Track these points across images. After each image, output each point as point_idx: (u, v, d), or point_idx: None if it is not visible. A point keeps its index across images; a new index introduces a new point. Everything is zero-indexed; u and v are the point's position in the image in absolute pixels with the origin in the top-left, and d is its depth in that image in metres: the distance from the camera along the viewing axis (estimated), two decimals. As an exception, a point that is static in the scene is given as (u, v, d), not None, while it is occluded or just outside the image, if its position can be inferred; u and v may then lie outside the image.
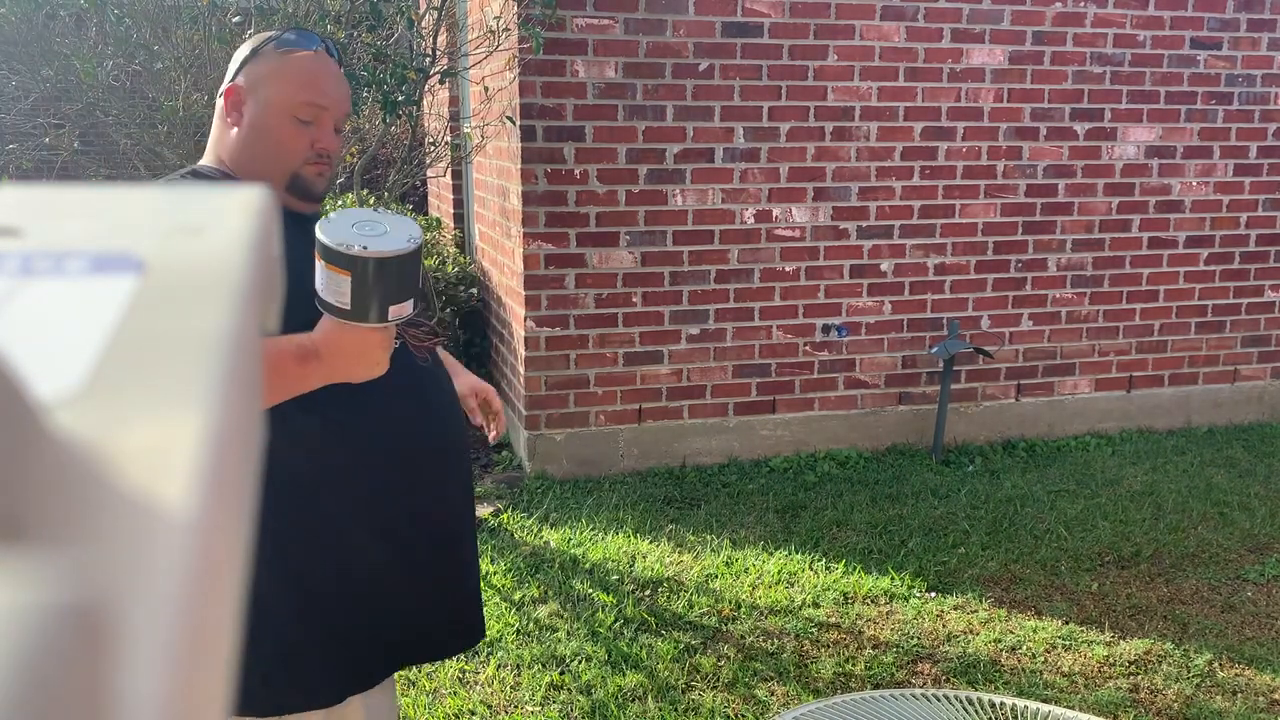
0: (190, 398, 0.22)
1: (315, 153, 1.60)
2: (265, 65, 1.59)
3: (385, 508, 1.67)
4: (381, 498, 1.67)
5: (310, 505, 1.62)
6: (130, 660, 0.18)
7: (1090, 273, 4.92)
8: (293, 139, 1.59)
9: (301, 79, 1.59)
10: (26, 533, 0.19)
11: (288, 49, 1.60)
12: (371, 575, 1.67)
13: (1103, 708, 2.84)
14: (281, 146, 1.59)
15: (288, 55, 1.59)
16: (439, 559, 1.74)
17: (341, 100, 1.62)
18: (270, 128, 1.58)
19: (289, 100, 1.58)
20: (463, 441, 1.80)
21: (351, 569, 1.66)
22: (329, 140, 1.61)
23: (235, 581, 0.23)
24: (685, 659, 3.05)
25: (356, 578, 1.66)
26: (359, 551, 1.66)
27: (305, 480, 1.59)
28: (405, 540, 1.70)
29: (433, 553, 1.73)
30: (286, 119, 1.58)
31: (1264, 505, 4.19)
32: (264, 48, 1.61)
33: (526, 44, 4.08)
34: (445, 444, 1.75)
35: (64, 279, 0.25)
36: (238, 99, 1.60)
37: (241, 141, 1.60)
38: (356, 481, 1.65)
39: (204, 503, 0.20)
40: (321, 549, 1.64)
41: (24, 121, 4.00)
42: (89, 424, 0.21)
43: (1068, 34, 4.66)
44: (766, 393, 4.64)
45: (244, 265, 0.26)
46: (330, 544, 1.64)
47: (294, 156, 1.59)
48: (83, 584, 0.17)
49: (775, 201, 4.50)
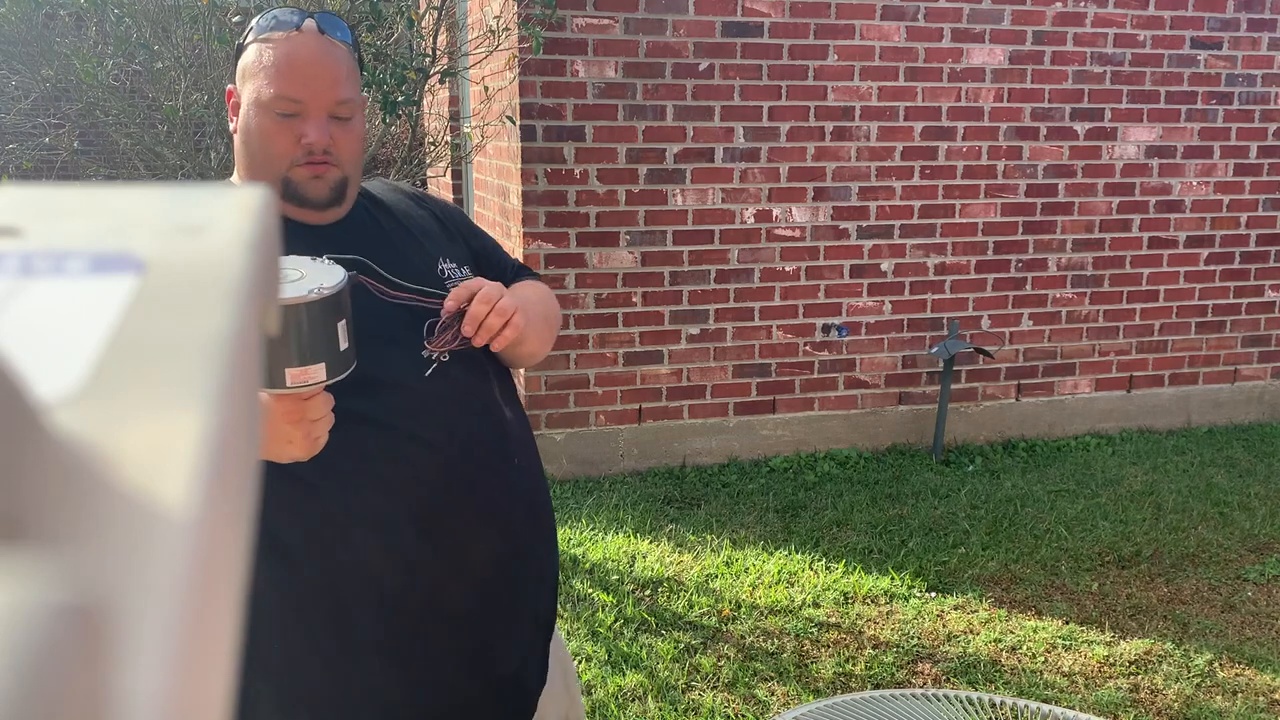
0: (190, 398, 0.22)
1: (304, 150, 1.36)
2: (246, 58, 1.39)
3: (379, 588, 1.38)
4: (374, 579, 1.38)
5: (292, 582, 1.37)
6: (130, 660, 0.17)
7: (1090, 272, 4.92)
8: (275, 139, 1.36)
9: (275, 68, 1.35)
10: (26, 533, 0.19)
11: (265, 35, 1.38)
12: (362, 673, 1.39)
13: (1103, 708, 2.84)
14: (265, 149, 1.37)
15: (265, 43, 1.37)
16: (460, 636, 1.43)
17: (328, 84, 1.36)
18: (252, 129, 1.37)
19: (262, 96, 1.35)
20: (508, 481, 1.46)
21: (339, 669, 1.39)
22: (318, 134, 1.35)
23: (235, 581, 0.23)
24: (685, 659, 3.05)
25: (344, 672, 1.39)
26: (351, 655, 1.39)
27: (287, 549, 1.36)
28: (405, 624, 1.40)
29: (451, 632, 1.42)
30: (267, 116, 1.36)
31: (1264, 505, 4.19)
32: (245, 38, 1.41)
33: (526, 44, 4.09)
34: (472, 489, 1.42)
35: (64, 279, 0.25)
36: (234, 100, 1.42)
37: (239, 147, 1.42)
38: (342, 555, 1.37)
39: (204, 503, 0.20)
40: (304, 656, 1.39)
41: (24, 121, 4.00)
42: (89, 424, 0.21)
43: (1068, 34, 4.66)
44: (766, 393, 4.64)
45: (244, 265, 0.26)
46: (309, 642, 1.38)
47: (280, 159, 1.37)
48: (83, 584, 0.17)
49: (775, 201, 4.50)
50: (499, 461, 1.45)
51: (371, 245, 1.44)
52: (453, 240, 1.54)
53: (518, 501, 1.47)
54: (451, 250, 1.52)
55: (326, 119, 1.37)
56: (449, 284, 1.45)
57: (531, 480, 1.50)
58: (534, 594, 1.50)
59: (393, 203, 1.54)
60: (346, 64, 1.40)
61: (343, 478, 1.34)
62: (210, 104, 3.51)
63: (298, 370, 1.14)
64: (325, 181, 1.39)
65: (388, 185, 1.59)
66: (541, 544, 1.53)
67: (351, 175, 1.42)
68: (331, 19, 1.41)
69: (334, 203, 1.41)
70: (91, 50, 3.59)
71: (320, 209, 1.41)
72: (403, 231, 1.50)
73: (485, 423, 1.44)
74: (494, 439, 1.45)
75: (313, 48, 1.37)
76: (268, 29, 1.38)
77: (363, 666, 1.39)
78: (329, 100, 1.36)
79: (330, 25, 1.40)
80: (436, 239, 1.52)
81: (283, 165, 1.37)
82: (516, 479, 1.47)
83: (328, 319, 1.14)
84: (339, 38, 1.40)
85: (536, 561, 1.51)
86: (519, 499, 1.47)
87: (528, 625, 1.50)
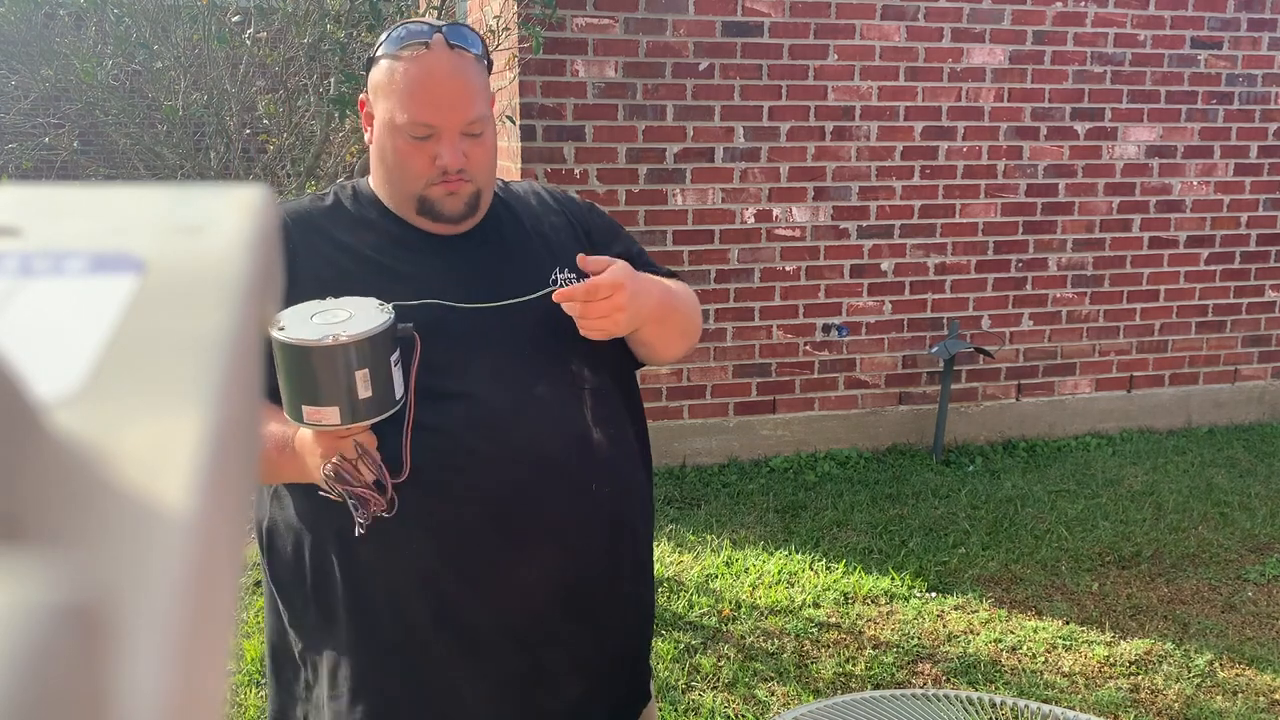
0: (190, 398, 0.22)
1: (438, 171, 1.37)
2: (378, 74, 1.39)
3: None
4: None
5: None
6: (130, 660, 0.18)
7: (1091, 272, 4.92)
8: (410, 160, 1.37)
9: (408, 93, 1.35)
10: (26, 533, 0.19)
11: (394, 53, 1.37)
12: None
13: (1103, 708, 2.84)
14: (401, 169, 1.39)
15: (395, 62, 1.36)
16: (504, 657, 1.39)
17: (460, 106, 1.36)
18: (386, 150, 1.39)
19: (396, 120, 1.36)
20: (579, 505, 1.41)
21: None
22: (452, 155, 1.36)
23: (234, 581, 0.23)
24: (685, 659, 3.05)
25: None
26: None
27: (337, 547, 1.38)
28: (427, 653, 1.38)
29: (492, 651, 1.38)
30: (401, 138, 1.37)
31: (1264, 505, 4.19)
32: (377, 51, 1.40)
33: (526, 43, 4.09)
34: (536, 508, 1.39)
35: (64, 279, 0.25)
36: (367, 111, 1.43)
37: (375, 163, 1.43)
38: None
39: (204, 503, 0.20)
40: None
41: (24, 121, 4.00)
42: (89, 424, 0.21)
43: (1068, 33, 4.66)
44: (767, 393, 4.64)
45: (244, 265, 0.26)
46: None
47: (415, 179, 1.38)
48: (82, 584, 0.17)
49: (775, 201, 4.50)
50: (570, 484, 1.40)
51: (491, 257, 1.44)
52: (582, 248, 1.50)
53: (589, 527, 1.42)
54: (572, 261, 1.47)
55: (459, 138, 1.37)
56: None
57: (616, 506, 1.45)
58: (608, 626, 1.46)
59: (527, 209, 1.53)
60: (477, 78, 1.40)
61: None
62: (210, 104, 3.50)
63: (311, 409, 1.17)
64: (460, 197, 1.40)
65: (531, 188, 1.58)
66: (622, 575, 1.48)
67: (484, 187, 1.43)
68: (460, 30, 1.40)
69: (468, 216, 1.43)
70: (91, 50, 3.59)
71: (455, 223, 1.42)
72: (526, 240, 1.49)
73: (561, 443, 1.40)
74: (569, 461, 1.40)
75: (444, 66, 1.36)
76: (399, 43, 1.37)
77: (399, 669, 1.38)
78: (461, 121, 1.37)
79: (459, 37, 1.39)
80: (562, 248, 1.49)
81: (419, 185, 1.39)
82: (591, 504, 1.42)
83: (336, 366, 1.15)
84: (470, 49, 1.39)
85: (613, 593, 1.46)
86: (593, 525, 1.42)
87: (595, 657, 1.45)
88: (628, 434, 1.51)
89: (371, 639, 1.37)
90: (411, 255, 1.41)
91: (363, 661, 1.37)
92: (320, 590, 1.38)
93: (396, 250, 1.41)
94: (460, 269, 1.40)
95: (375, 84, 1.39)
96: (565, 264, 1.47)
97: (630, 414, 1.54)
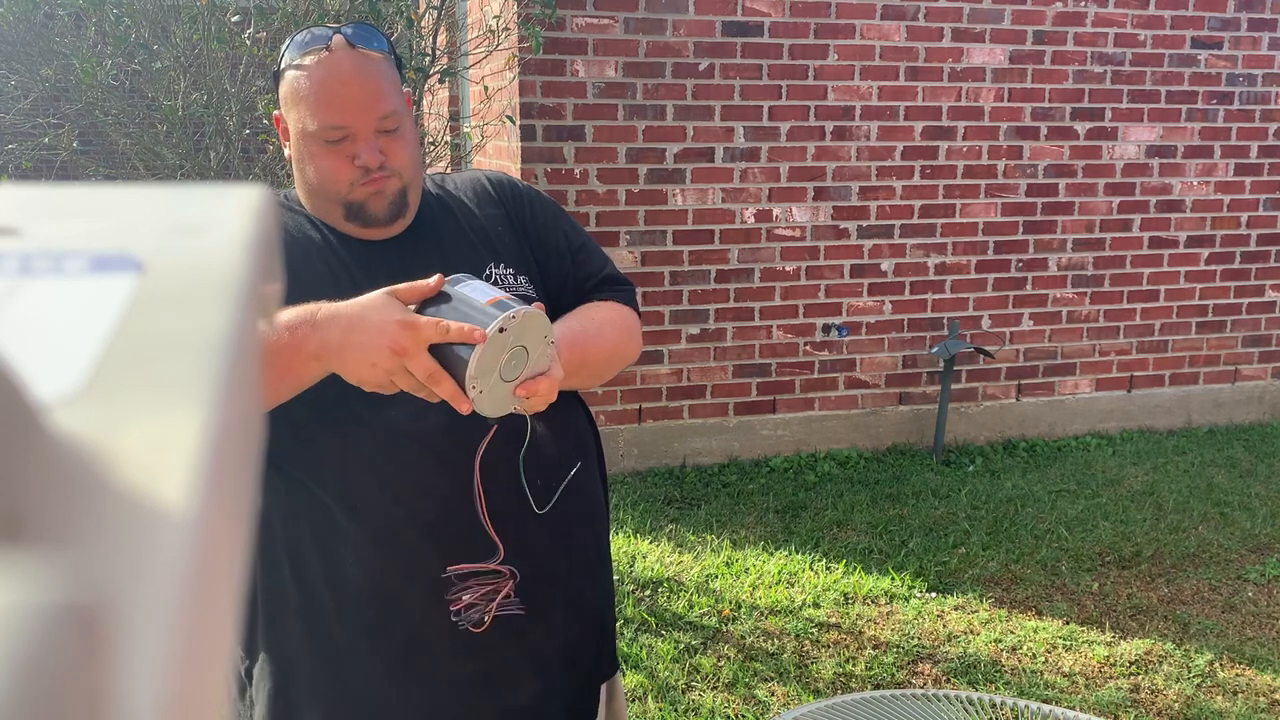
0: (190, 398, 0.22)
1: (360, 171, 1.35)
2: (285, 86, 1.37)
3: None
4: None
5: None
6: (130, 660, 0.17)
7: (1091, 272, 4.92)
8: (329, 165, 1.35)
9: (315, 97, 1.33)
10: (26, 533, 0.19)
11: (297, 61, 1.35)
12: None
13: (1103, 708, 2.84)
14: (321, 176, 1.36)
15: (299, 71, 1.35)
16: (468, 655, 1.40)
17: (369, 103, 1.34)
18: (305, 159, 1.37)
19: (309, 127, 1.34)
20: (531, 509, 1.42)
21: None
22: (370, 153, 1.34)
23: (235, 581, 0.23)
24: (685, 659, 3.05)
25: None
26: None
27: (295, 547, 1.38)
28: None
29: (455, 649, 1.40)
30: (316, 145, 1.35)
31: (1265, 505, 4.19)
32: (281, 62, 1.38)
33: (526, 43, 4.09)
34: (487, 511, 1.39)
35: (64, 279, 0.25)
36: (283, 127, 1.41)
37: (296, 175, 1.41)
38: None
39: (204, 503, 0.20)
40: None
41: (23, 121, 4.00)
42: (89, 424, 0.21)
43: (1068, 33, 4.66)
44: (767, 393, 4.64)
45: (244, 265, 0.26)
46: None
47: (338, 184, 1.36)
48: (83, 584, 0.17)
49: (775, 201, 4.50)
50: (514, 480, 1.40)
51: (424, 260, 1.40)
52: (520, 243, 1.48)
53: (544, 529, 1.43)
54: (510, 255, 1.46)
55: (375, 136, 1.35)
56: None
57: (573, 510, 1.46)
58: (565, 630, 1.46)
59: (461, 205, 1.50)
60: (386, 75, 1.38)
61: (348, 478, 1.35)
62: (209, 104, 3.50)
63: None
64: (385, 196, 1.37)
65: (472, 179, 1.55)
66: (580, 580, 1.48)
67: (410, 183, 1.41)
68: (362, 30, 1.38)
69: (397, 215, 1.40)
70: (90, 50, 3.59)
71: (385, 225, 1.40)
72: (462, 236, 1.46)
73: (500, 439, 1.39)
74: (512, 457, 1.40)
75: (347, 67, 1.34)
76: (300, 50, 1.35)
77: (363, 670, 1.37)
78: (373, 118, 1.35)
79: (361, 37, 1.36)
80: (499, 240, 1.47)
81: (343, 188, 1.36)
82: (539, 498, 1.42)
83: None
84: (374, 48, 1.37)
85: (570, 597, 1.47)
86: (548, 529, 1.43)
87: (553, 660, 1.46)
88: (573, 422, 1.50)
89: (321, 644, 1.37)
90: (343, 265, 1.38)
91: (311, 667, 1.37)
92: (272, 595, 1.38)
93: (330, 259, 1.38)
94: (395, 274, 1.33)
95: (284, 96, 1.37)
96: (502, 259, 1.45)
97: (577, 398, 1.52)
